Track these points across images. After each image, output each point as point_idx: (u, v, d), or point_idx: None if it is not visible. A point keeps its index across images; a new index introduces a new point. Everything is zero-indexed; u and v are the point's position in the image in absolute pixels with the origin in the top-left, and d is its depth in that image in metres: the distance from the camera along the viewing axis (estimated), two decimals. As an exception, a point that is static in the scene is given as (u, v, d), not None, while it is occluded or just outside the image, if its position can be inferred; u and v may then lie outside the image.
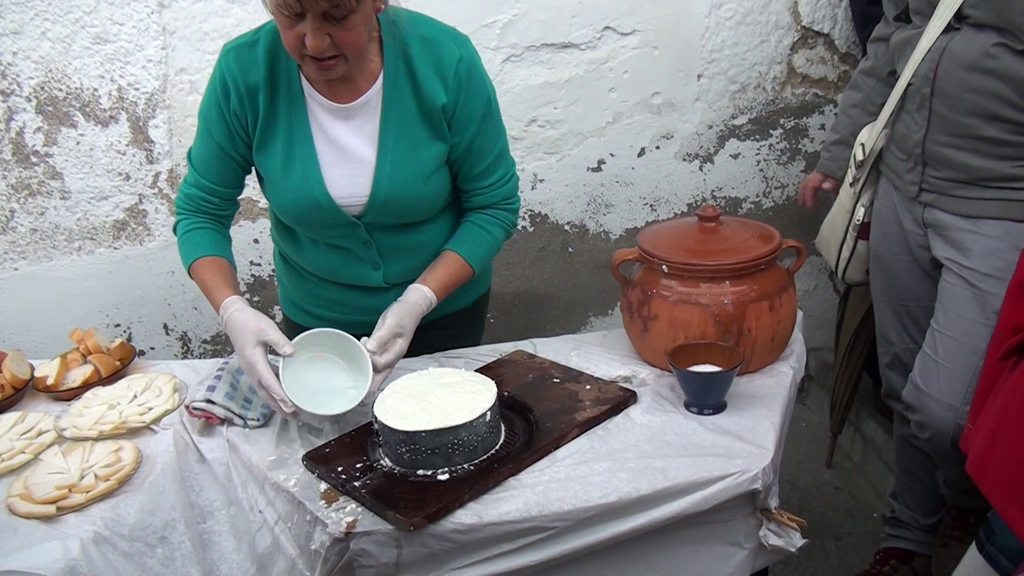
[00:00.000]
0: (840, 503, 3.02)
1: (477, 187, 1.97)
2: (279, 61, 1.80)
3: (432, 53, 1.81)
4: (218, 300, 1.82)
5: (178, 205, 1.98)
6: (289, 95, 1.82)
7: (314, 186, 1.83)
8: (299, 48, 1.64)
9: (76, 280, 2.88)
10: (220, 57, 1.83)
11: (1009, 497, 1.51)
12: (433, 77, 1.81)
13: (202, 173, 1.92)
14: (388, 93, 1.82)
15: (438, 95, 1.81)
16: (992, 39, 1.86)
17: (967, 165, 1.98)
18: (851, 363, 2.91)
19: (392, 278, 2.01)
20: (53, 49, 2.63)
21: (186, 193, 1.95)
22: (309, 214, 1.88)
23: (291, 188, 1.85)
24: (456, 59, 1.81)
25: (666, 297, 1.85)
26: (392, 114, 1.83)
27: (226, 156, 1.89)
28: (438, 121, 1.84)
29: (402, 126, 1.83)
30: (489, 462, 1.58)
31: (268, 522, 1.62)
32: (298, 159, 1.84)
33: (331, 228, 1.91)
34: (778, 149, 3.23)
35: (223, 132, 1.86)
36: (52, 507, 1.56)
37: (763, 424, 1.69)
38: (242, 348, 1.72)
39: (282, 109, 1.82)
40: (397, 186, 1.85)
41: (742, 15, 3.01)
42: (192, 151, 1.95)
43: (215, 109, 1.84)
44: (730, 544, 1.64)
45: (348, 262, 1.99)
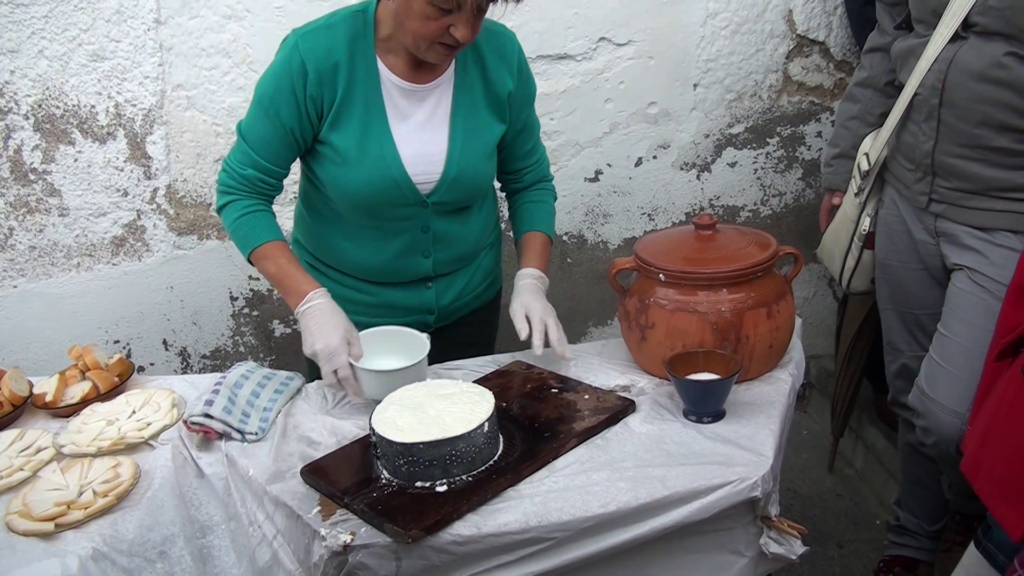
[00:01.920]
0: (842, 510, 3.01)
1: (527, 164, 2.17)
2: (358, 44, 1.89)
3: (497, 44, 1.99)
4: (300, 288, 1.88)
5: (227, 185, 1.97)
6: (367, 77, 1.90)
7: (391, 164, 1.92)
8: (436, 36, 1.75)
9: (75, 297, 2.88)
10: (294, 41, 1.87)
11: (998, 494, 1.52)
12: (500, 65, 1.99)
13: (262, 154, 1.93)
14: (459, 78, 1.96)
15: (506, 82, 2.00)
16: (1002, 48, 1.84)
17: (978, 175, 1.97)
18: (851, 368, 2.90)
19: (440, 267, 2.09)
20: (50, 67, 2.64)
21: (241, 174, 1.95)
22: (382, 194, 1.94)
23: (367, 167, 1.91)
24: (517, 49, 2.02)
25: (663, 306, 1.85)
26: (462, 96, 1.97)
27: (291, 138, 1.92)
28: (502, 106, 2.01)
29: (470, 108, 1.98)
30: (487, 473, 1.58)
31: (267, 536, 1.62)
32: (374, 138, 1.91)
33: (399, 208, 1.98)
34: (775, 157, 3.24)
35: (293, 114, 1.89)
36: (51, 524, 1.55)
37: (762, 432, 1.69)
38: (327, 336, 1.81)
39: (359, 90, 1.90)
40: (466, 164, 1.97)
41: (737, 24, 3.02)
42: (247, 131, 1.95)
43: (286, 92, 1.87)
44: (731, 552, 1.64)
45: (399, 251, 2.04)
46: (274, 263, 1.92)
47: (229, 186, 1.97)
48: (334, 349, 1.79)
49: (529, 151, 2.16)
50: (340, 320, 1.85)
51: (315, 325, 1.83)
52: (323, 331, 1.82)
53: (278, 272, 1.92)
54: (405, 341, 1.92)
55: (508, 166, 2.16)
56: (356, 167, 1.91)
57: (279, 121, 1.89)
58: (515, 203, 2.22)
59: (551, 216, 2.21)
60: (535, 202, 2.19)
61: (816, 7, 3.05)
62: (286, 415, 1.87)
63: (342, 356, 1.80)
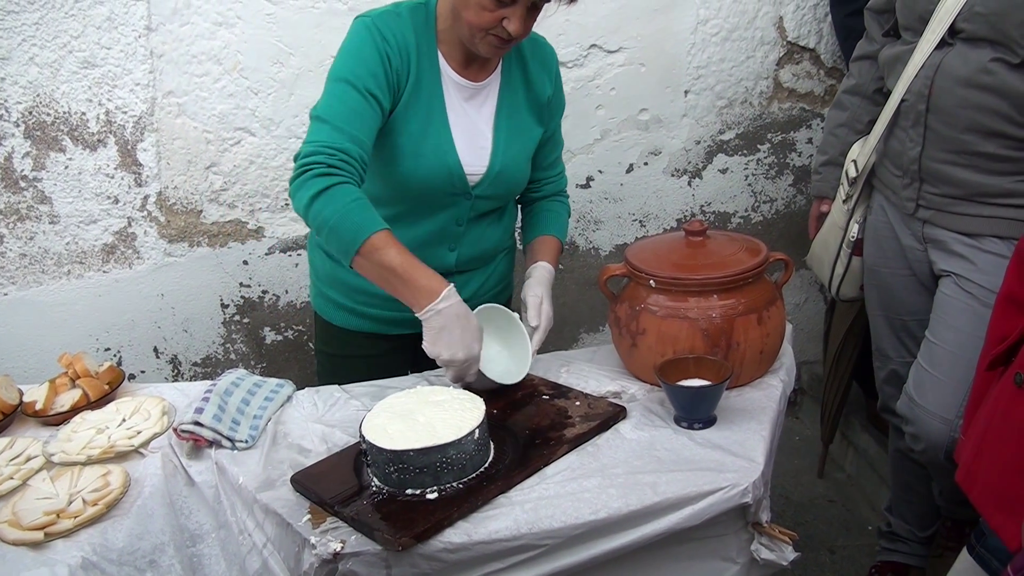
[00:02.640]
0: (834, 516, 3.02)
1: (548, 175, 2.24)
2: (422, 35, 1.93)
3: (539, 51, 2.08)
4: (432, 286, 1.74)
5: (327, 164, 1.75)
6: (430, 68, 1.94)
7: (447, 152, 1.96)
8: (490, 27, 1.80)
9: (65, 304, 2.87)
10: (369, 22, 1.86)
11: (995, 504, 1.52)
12: (541, 71, 2.08)
13: (356, 127, 1.80)
14: (504, 79, 2.03)
15: (546, 87, 2.08)
16: (988, 54, 1.86)
17: (965, 181, 1.98)
18: (839, 372, 2.92)
19: (462, 263, 2.13)
20: (41, 74, 2.63)
21: (342, 149, 1.77)
22: (436, 181, 1.97)
23: (426, 154, 1.94)
24: (556, 60, 2.13)
25: (654, 312, 1.85)
26: (506, 98, 2.04)
27: (380, 112, 1.85)
28: (541, 110, 2.10)
29: (513, 109, 2.05)
30: (478, 480, 1.57)
31: (257, 545, 1.61)
32: (434, 128, 1.95)
33: (447, 197, 2.02)
34: (766, 164, 3.24)
35: (383, 85, 1.84)
36: (40, 533, 1.54)
37: (753, 438, 1.69)
38: (469, 344, 1.75)
39: (425, 79, 1.94)
40: (508, 160, 2.03)
41: (728, 31, 3.03)
42: (329, 110, 1.81)
43: (374, 64, 1.83)
44: (722, 559, 1.64)
45: (428, 241, 2.04)
46: (398, 253, 1.73)
47: (329, 166, 1.75)
48: (475, 357, 1.78)
49: (552, 162, 2.23)
50: (475, 322, 1.78)
51: (454, 329, 1.73)
52: (465, 337, 1.74)
53: (403, 264, 1.73)
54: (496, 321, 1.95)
55: (534, 174, 2.20)
56: (414, 153, 1.93)
57: (369, 93, 1.82)
58: (532, 209, 2.26)
59: (565, 226, 2.27)
60: (553, 211, 2.25)
61: (807, 14, 3.06)
62: (276, 422, 1.86)
63: (477, 364, 1.80)
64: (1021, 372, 1.51)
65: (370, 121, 1.83)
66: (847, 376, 2.93)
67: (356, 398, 1.95)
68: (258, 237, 2.93)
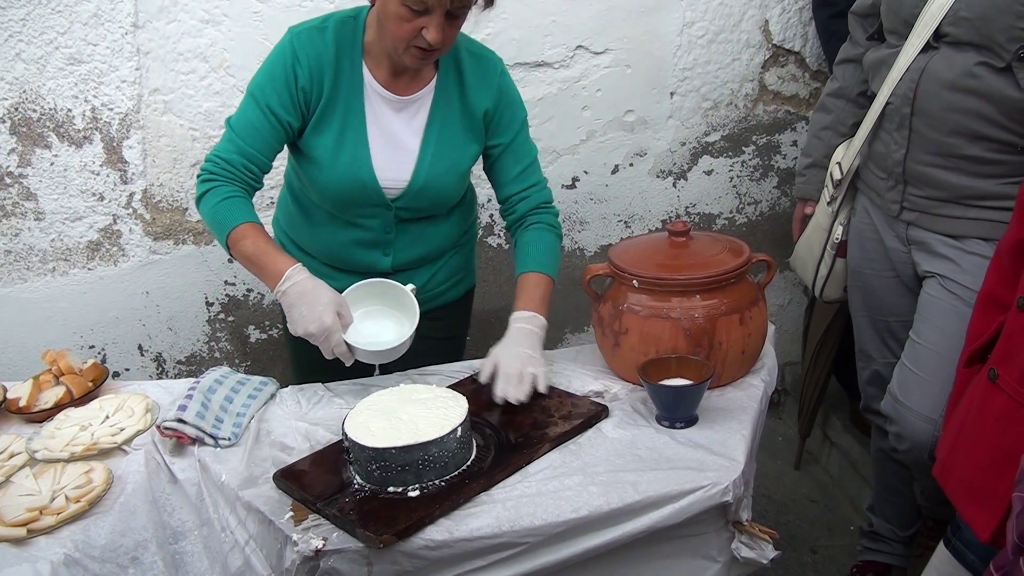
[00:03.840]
0: (817, 516, 3.03)
1: (519, 189, 2.14)
2: (345, 49, 1.96)
3: (479, 66, 2.05)
4: (277, 267, 1.86)
5: (209, 172, 1.96)
6: (351, 81, 1.97)
7: (362, 167, 1.98)
8: (410, 38, 1.81)
9: (50, 302, 2.86)
10: (290, 37, 1.95)
11: (967, 497, 1.54)
12: (479, 86, 2.04)
13: (248, 142, 1.95)
14: (439, 93, 2.02)
15: (483, 102, 2.04)
16: (973, 58, 1.87)
17: (950, 184, 1.99)
18: (817, 368, 2.95)
19: (399, 265, 2.14)
20: (27, 70, 2.63)
21: (225, 159, 1.95)
22: (351, 193, 2.00)
23: (340, 167, 1.97)
24: (499, 73, 2.08)
25: (637, 312, 1.86)
26: (438, 112, 2.02)
27: (279, 127, 1.95)
28: (479, 125, 2.06)
29: (445, 124, 2.03)
30: (460, 478, 1.58)
31: (239, 542, 1.62)
32: (350, 141, 1.97)
33: (365, 208, 2.04)
34: (751, 166, 3.26)
35: (286, 103, 1.93)
36: (23, 530, 1.54)
37: (734, 437, 1.70)
38: (319, 316, 1.79)
39: (343, 93, 1.96)
40: (433, 176, 2.02)
41: (714, 33, 3.04)
42: (235, 121, 1.98)
43: (280, 81, 1.93)
44: (703, 558, 1.65)
45: (362, 246, 2.11)
46: (252, 243, 1.88)
47: (212, 173, 1.96)
48: (329, 328, 1.80)
49: (519, 176, 2.13)
50: (325, 294, 1.83)
51: (302, 304, 1.82)
52: (313, 310, 1.80)
53: (255, 251, 1.88)
54: (390, 294, 1.98)
55: (500, 193, 2.17)
56: (331, 166, 1.97)
57: (268, 110, 1.93)
58: (516, 238, 2.16)
59: (545, 252, 2.10)
60: (529, 242, 2.11)
61: (792, 17, 3.08)
62: (259, 420, 1.87)
63: (337, 334, 1.81)
64: (995, 368, 1.53)
65: (266, 135, 1.95)
66: (826, 372, 2.96)
67: (339, 396, 1.96)
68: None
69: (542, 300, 2.02)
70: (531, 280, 2.04)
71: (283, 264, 1.86)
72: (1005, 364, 1.52)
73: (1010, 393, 1.49)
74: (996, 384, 1.53)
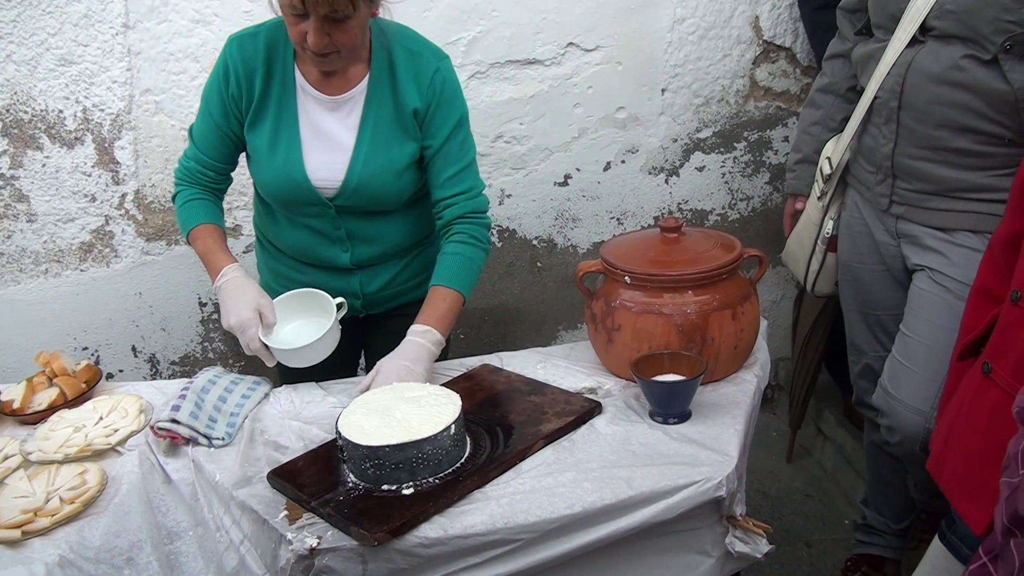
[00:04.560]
0: (811, 510, 3.04)
1: (448, 195, 2.05)
2: (277, 52, 1.99)
3: (414, 63, 2.01)
4: (217, 265, 2.02)
5: (177, 177, 2.14)
6: (283, 83, 2.00)
7: (294, 166, 2.00)
8: (300, 41, 1.83)
9: (43, 303, 2.86)
10: (225, 46, 2.01)
11: (961, 491, 1.54)
12: (411, 84, 2.00)
13: (201, 148, 2.08)
14: (371, 92, 2.00)
15: (412, 100, 2.00)
16: (959, 51, 1.88)
17: (938, 177, 2.00)
18: (807, 361, 2.96)
19: (359, 260, 2.16)
20: (18, 72, 2.62)
21: (185, 166, 2.12)
22: (287, 192, 2.04)
23: (274, 167, 2.02)
24: (433, 70, 2.01)
25: (629, 308, 1.86)
26: (371, 111, 2.01)
27: (223, 134, 2.05)
28: (410, 123, 2.02)
29: (379, 123, 2.01)
30: (454, 476, 1.59)
31: (234, 542, 1.62)
32: (283, 141, 2.01)
33: (305, 207, 2.07)
34: (742, 162, 3.27)
35: (221, 112, 2.03)
36: (17, 532, 1.55)
37: (727, 432, 1.71)
38: (238, 310, 1.93)
39: (274, 95, 2.00)
40: (368, 175, 2.01)
41: (704, 30, 3.04)
42: (193, 128, 2.10)
43: (216, 91, 2.02)
44: (697, 552, 1.66)
45: (320, 241, 2.13)
46: (202, 243, 2.06)
47: (178, 177, 2.14)
48: (244, 322, 1.91)
49: (450, 180, 2.05)
50: (250, 292, 1.96)
51: (228, 299, 1.96)
52: (235, 305, 1.94)
53: (203, 251, 2.06)
54: (318, 303, 2.03)
55: (432, 196, 2.09)
56: (265, 166, 2.03)
57: (212, 119, 2.04)
58: (440, 248, 2.10)
59: (464, 269, 2.05)
60: (450, 254, 2.05)
61: (782, 13, 3.08)
62: (253, 420, 1.87)
63: (251, 329, 1.91)
64: (989, 362, 1.53)
65: (214, 142, 2.07)
66: (815, 365, 2.97)
67: (333, 395, 1.97)
68: (235, 235, 2.92)
69: (444, 316, 1.98)
70: (438, 294, 2.01)
71: (222, 262, 2.02)
72: (999, 358, 1.53)
73: (1004, 387, 1.49)
74: (990, 378, 1.53)
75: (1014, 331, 1.50)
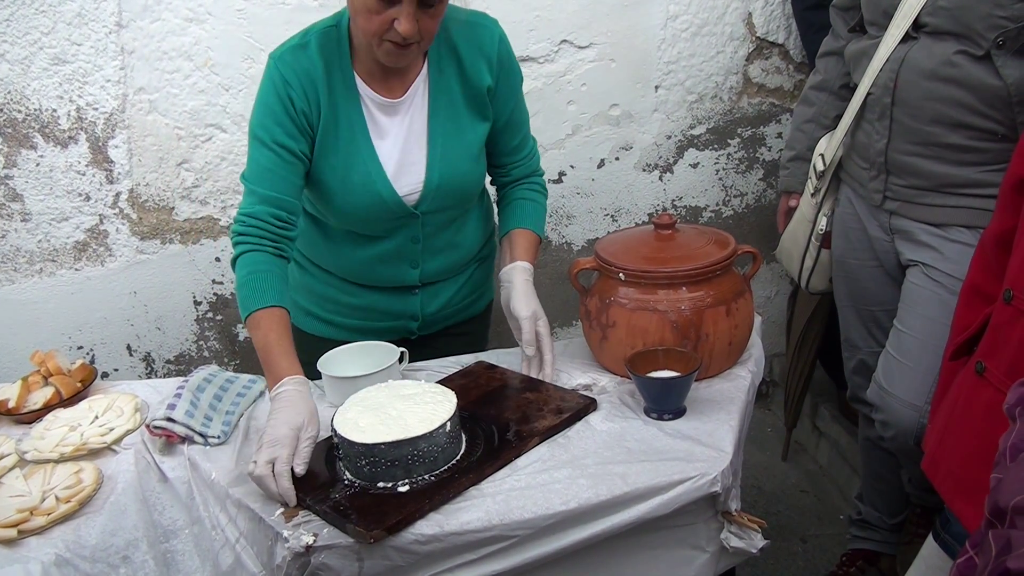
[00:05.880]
0: (806, 506, 3.05)
1: (515, 160, 2.09)
2: (333, 60, 1.84)
3: (474, 35, 1.91)
4: (284, 370, 1.70)
5: (238, 234, 1.83)
6: (346, 92, 1.86)
7: (377, 181, 1.89)
8: (383, 31, 1.70)
9: (38, 303, 2.86)
10: (273, 63, 1.83)
11: (956, 490, 1.55)
12: (479, 59, 1.91)
13: (268, 187, 1.82)
14: (434, 79, 1.90)
15: (484, 77, 1.92)
16: (952, 47, 1.88)
17: (931, 172, 2.00)
18: (802, 358, 2.96)
19: (427, 277, 2.08)
20: (11, 71, 2.62)
21: (250, 214, 1.82)
22: (370, 211, 1.91)
23: (354, 186, 1.88)
24: (497, 40, 1.93)
25: (624, 304, 1.87)
26: (440, 101, 1.91)
27: (295, 160, 1.83)
28: (483, 102, 1.95)
29: (449, 111, 1.92)
30: (450, 472, 1.59)
31: (230, 540, 1.62)
32: (360, 157, 1.88)
33: (389, 222, 1.96)
34: (736, 158, 3.27)
35: (292, 132, 1.82)
36: (13, 531, 1.55)
37: (722, 428, 1.71)
38: (280, 423, 1.59)
39: (342, 108, 1.86)
40: (448, 170, 1.94)
41: (697, 27, 3.05)
42: (248, 173, 1.86)
43: (278, 112, 1.81)
44: (692, 548, 1.66)
45: (387, 260, 2.03)
46: (262, 336, 1.74)
47: (240, 234, 1.83)
48: (278, 439, 1.56)
49: (517, 146, 2.08)
50: (302, 413, 1.62)
51: (277, 413, 1.63)
52: (279, 419, 1.60)
53: (262, 348, 1.74)
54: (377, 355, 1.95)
55: (495, 160, 2.10)
56: (342, 188, 1.88)
57: (278, 145, 1.81)
58: (505, 198, 2.14)
59: (542, 216, 2.13)
60: (527, 200, 2.11)
61: (775, 10, 3.09)
62: (249, 418, 1.88)
63: (285, 451, 1.55)
64: (982, 361, 1.54)
65: (285, 173, 1.83)
66: (810, 362, 2.97)
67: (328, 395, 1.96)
68: (230, 234, 2.92)
69: (534, 252, 2.05)
70: (522, 234, 2.05)
71: (282, 371, 1.70)
72: (992, 357, 1.53)
73: (997, 386, 1.49)
74: (983, 377, 1.53)
75: (1007, 330, 1.50)
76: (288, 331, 1.77)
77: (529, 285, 1.97)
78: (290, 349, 1.74)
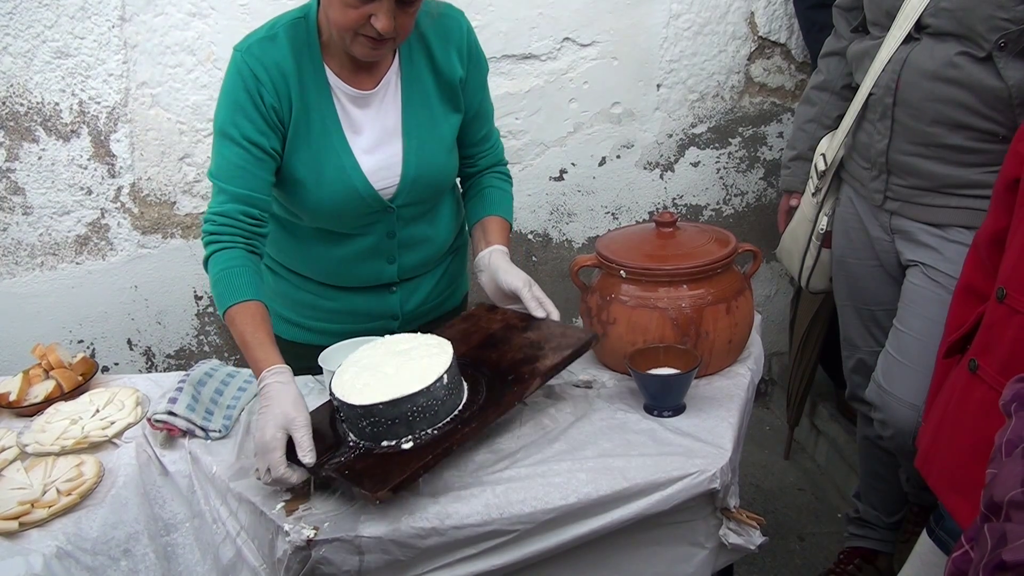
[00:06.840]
0: (804, 504, 3.06)
1: (482, 149, 2.09)
2: (302, 52, 1.80)
3: (442, 26, 1.89)
4: (261, 363, 1.66)
5: (209, 233, 1.78)
6: (317, 85, 1.82)
7: (352, 175, 1.85)
8: (359, 27, 1.67)
9: (39, 296, 2.86)
10: (239, 56, 1.78)
11: (949, 487, 1.56)
12: (450, 50, 1.89)
13: (236, 183, 1.77)
14: (406, 72, 1.88)
15: (456, 69, 1.90)
16: (954, 48, 1.89)
17: (932, 173, 2.01)
18: (805, 358, 2.96)
19: (404, 272, 2.06)
20: (14, 64, 2.62)
21: (220, 212, 1.77)
22: (344, 206, 1.88)
23: (328, 181, 1.84)
24: (464, 29, 1.92)
25: (624, 302, 1.87)
26: (413, 93, 1.89)
27: (265, 156, 1.78)
28: (455, 94, 1.93)
29: (423, 103, 1.90)
30: (453, 424, 1.57)
31: (231, 533, 1.62)
32: (331, 150, 1.84)
33: (363, 217, 1.93)
34: (737, 157, 3.28)
35: (262, 127, 1.77)
36: (15, 523, 1.55)
37: (721, 425, 1.71)
38: (264, 426, 1.55)
39: (313, 99, 1.82)
40: (424, 163, 1.91)
41: (700, 25, 3.05)
42: (214, 170, 1.80)
43: (248, 109, 1.76)
44: (691, 544, 1.66)
45: (363, 258, 2.00)
46: (239, 330, 1.70)
47: (211, 233, 1.78)
48: (265, 444, 1.53)
49: (485, 136, 2.08)
50: (281, 412, 1.56)
51: (262, 407, 1.60)
52: (263, 417, 1.57)
53: (240, 344, 1.71)
54: None
55: (463, 151, 2.07)
56: (316, 184, 1.85)
57: (243, 142, 1.76)
58: (473, 187, 2.11)
59: (511, 203, 2.12)
60: (495, 188, 2.10)
61: (778, 9, 3.09)
62: (250, 412, 1.87)
63: (275, 454, 1.52)
64: (975, 359, 1.55)
65: (256, 171, 1.78)
66: (812, 362, 2.97)
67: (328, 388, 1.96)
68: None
69: (507, 237, 2.05)
70: (495, 221, 2.04)
71: (261, 363, 1.66)
72: (985, 355, 1.54)
73: (991, 384, 1.50)
74: (976, 375, 1.54)
75: (1000, 328, 1.51)
76: (265, 322, 1.72)
77: (511, 263, 1.96)
78: (265, 340, 1.69)
